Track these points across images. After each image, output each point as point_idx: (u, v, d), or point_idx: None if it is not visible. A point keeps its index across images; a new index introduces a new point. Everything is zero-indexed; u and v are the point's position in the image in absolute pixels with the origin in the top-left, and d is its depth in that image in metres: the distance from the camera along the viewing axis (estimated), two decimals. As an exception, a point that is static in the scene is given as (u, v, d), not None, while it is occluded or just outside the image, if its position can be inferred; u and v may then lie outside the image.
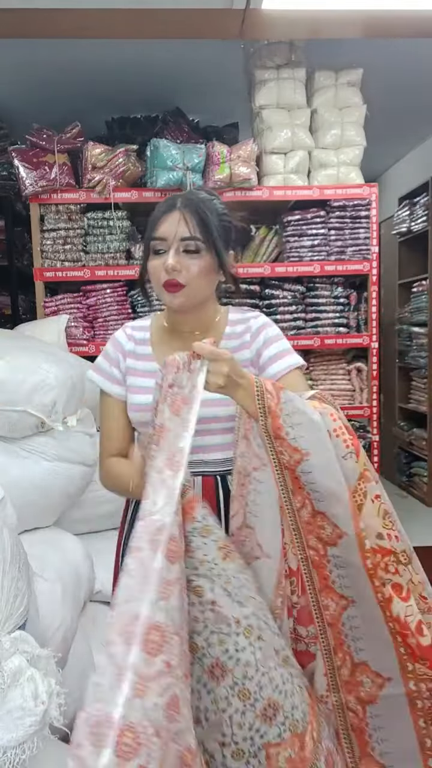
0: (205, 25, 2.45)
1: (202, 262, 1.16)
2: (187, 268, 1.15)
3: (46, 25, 2.41)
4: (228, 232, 1.23)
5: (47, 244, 2.94)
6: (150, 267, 1.19)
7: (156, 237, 1.17)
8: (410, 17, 2.44)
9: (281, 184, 2.99)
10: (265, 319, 1.31)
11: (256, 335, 1.26)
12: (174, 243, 1.15)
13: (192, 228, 1.14)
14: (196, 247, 1.15)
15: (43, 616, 1.55)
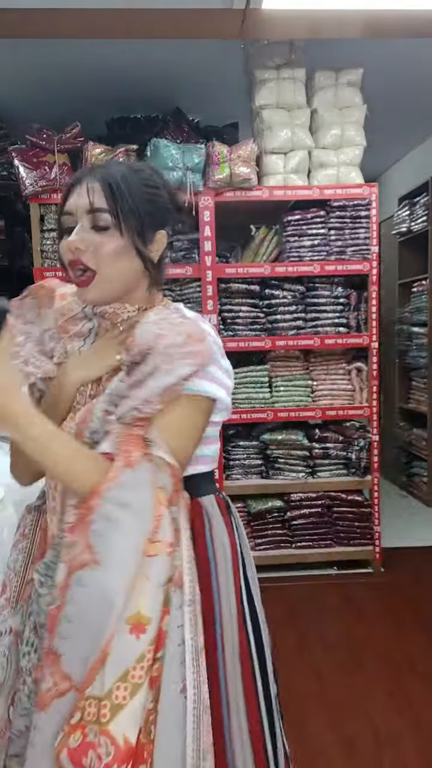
0: (205, 25, 2.45)
1: (114, 240, 0.91)
2: (95, 247, 0.91)
3: (46, 25, 2.41)
4: (156, 206, 0.96)
5: (47, 244, 2.94)
6: (59, 249, 0.95)
7: (64, 212, 0.95)
8: (410, 17, 2.44)
9: (281, 184, 2.99)
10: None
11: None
12: (80, 218, 0.92)
13: (97, 198, 0.91)
14: (105, 223, 0.91)
15: (43, 616, 1.54)
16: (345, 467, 3.17)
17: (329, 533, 3.14)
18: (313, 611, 2.71)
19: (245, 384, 3.09)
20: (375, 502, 3.14)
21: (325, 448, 3.15)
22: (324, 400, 3.13)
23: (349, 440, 3.14)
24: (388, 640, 2.45)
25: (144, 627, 0.77)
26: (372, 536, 3.14)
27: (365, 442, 3.11)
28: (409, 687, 2.13)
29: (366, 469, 3.14)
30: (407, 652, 2.37)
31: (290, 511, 3.11)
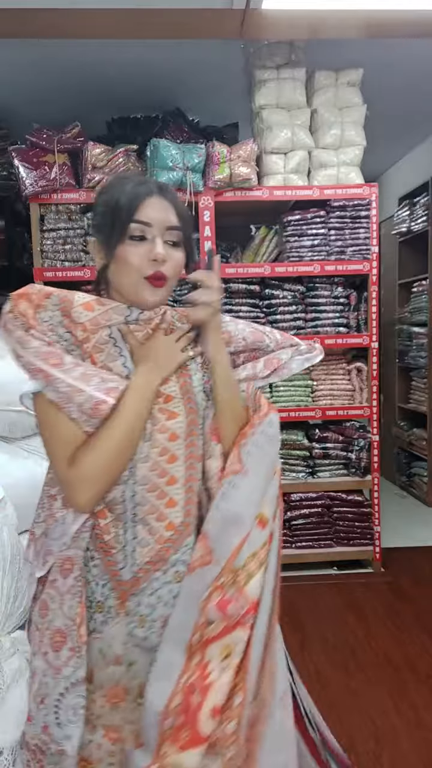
0: (205, 25, 2.45)
1: (180, 256, 1.03)
2: (171, 260, 1.00)
3: (46, 25, 2.41)
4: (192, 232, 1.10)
5: (47, 244, 2.94)
6: (127, 254, 0.99)
7: (138, 220, 0.98)
8: (410, 17, 2.44)
9: (281, 184, 2.99)
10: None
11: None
12: (160, 231, 1.00)
13: (173, 217, 1.01)
14: (178, 239, 1.02)
15: (43, 616, 1.54)
16: (345, 467, 3.17)
17: (329, 533, 3.14)
18: (312, 611, 2.71)
19: (245, 384, 3.09)
20: (375, 502, 3.14)
21: (325, 448, 3.15)
22: (324, 400, 3.13)
23: (349, 440, 3.14)
24: (387, 639, 2.45)
25: (265, 523, 1.05)
26: (372, 536, 3.14)
27: (365, 442, 3.11)
28: (409, 687, 2.13)
29: (366, 469, 3.14)
30: (407, 652, 2.37)
31: (290, 511, 3.11)
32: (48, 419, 0.99)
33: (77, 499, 0.95)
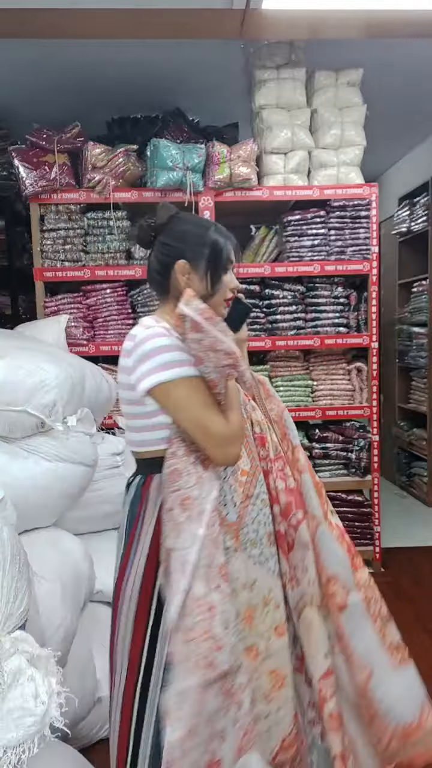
0: (205, 25, 2.45)
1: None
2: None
3: (46, 25, 2.41)
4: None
5: (47, 244, 2.94)
6: (226, 281, 1.32)
7: (231, 260, 1.34)
8: (410, 17, 2.44)
9: (281, 184, 2.99)
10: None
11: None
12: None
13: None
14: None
15: (43, 616, 1.55)
16: (345, 467, 3.18)
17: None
18: (313, 611, 2.71)
19: (245, 384, 3.09)
20: (375, 502, 3.15)
21: (325, 448, 3.15)
22: (324, 400, 3.13)
23: (349, 440, 3.14)
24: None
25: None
26: (372, 536, 3.14)
27: (365, 442, 3.11)
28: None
29: (366, 469, 3.14)
30: (407, 652, 2.37)
31: (290, 511, 3.11)
32: (199, 396, 1.16)
33: (235, 452, 1.18)
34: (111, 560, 1.47)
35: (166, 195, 2.90)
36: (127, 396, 1.22)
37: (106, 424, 2.87)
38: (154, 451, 1.22)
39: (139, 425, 1.23)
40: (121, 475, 2.31)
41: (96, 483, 2.21)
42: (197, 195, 2.90)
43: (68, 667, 1.67)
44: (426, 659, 2.33)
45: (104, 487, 2.25)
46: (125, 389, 1.22)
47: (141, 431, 1.23)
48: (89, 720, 1.82)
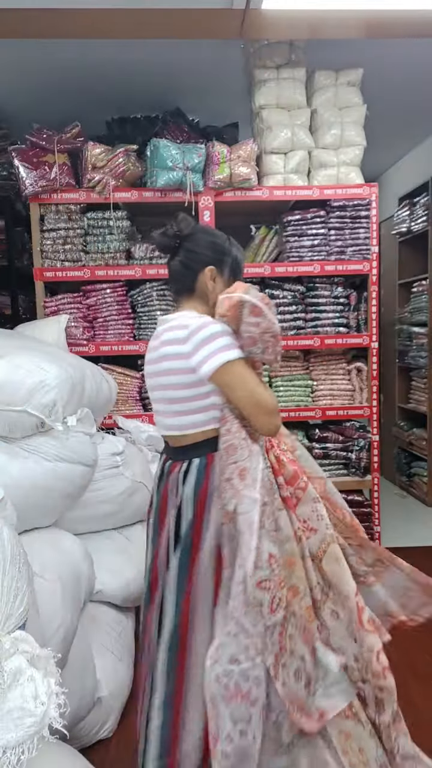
0: (205, 25, 2.45)
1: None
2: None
3: (46, 25, 2.41)
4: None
5: (47, 244, 2.94)
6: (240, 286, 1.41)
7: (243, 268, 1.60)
8: (410, 17, 2.44)
9: (281, 184, 2.99)
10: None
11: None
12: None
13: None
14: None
15: (43, 616, 1.55)
16: (345, 467, 3.18)
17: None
18: (313, 611, 2.71)
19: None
20: (375, 502, 3.15)
21: (325, 448, 3.15)
22: (324, 400, 3.13)
23: (349, 440, 3.14)
24: (388, 640, 2.45)
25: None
26: (372, 536, 3.14)
27: (365, 442, 3.11)
28: (409, 687, 2.13)
29: (366, 469, 3.14)
30: (407, 653, 2.37)
31: (290, 511, 3.11)
32: (250, 374, 1.32)
33: (279, 422, 1.34)
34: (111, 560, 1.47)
35: (166, 195, 2.90)
36: (182, 380, 1.34)
37: (106, 424, 2.87)
38: (204, 431, 1.37)
39: (193, 407, 1.36)
40: (121, 475, 2.31)
41: (96, 483, 2.21)
42: (197, 195, 2.90)
43: (68, 667, 1.66)
44: (426, 659, 2.33)
45: (104, 487, 2.25)
46: (178, 374, 1.34)
47: (193, 413, 1.37)
48: (89, 720, 1.82)
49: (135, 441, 2.79)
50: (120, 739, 1.91)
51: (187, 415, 1.37)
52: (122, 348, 3.01)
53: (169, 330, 1.37)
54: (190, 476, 1.37)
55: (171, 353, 1.35)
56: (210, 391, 1.35)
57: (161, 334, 1.40)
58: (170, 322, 1.39)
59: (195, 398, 1.35)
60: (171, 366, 1.35)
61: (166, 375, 1.37)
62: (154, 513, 1.46)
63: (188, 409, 1.37)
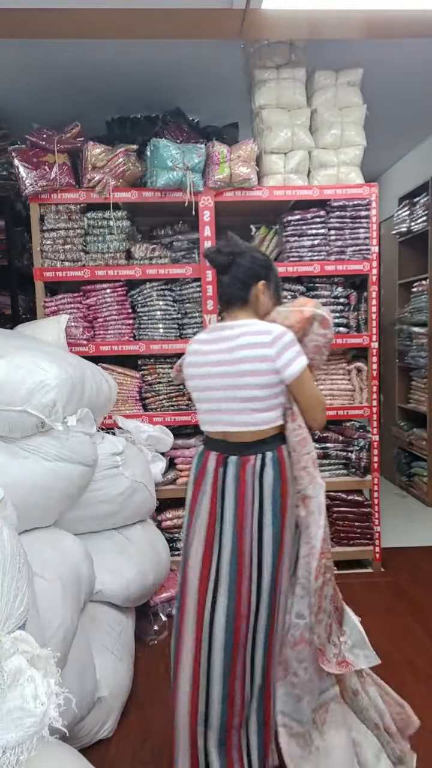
0: (205, 25, 2.45)
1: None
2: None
3: (46, 25, 2.41)
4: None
5: (47, 244, 2.94)
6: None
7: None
8: (410, 17, 2.44)
9: (281, 184, 2.99)
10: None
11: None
12: None
13: None
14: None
15: (43, 616, 1.55)
16: (345, 467, 3.18)
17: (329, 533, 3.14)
18: (313, 611, 2.71)
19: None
20: (375, 502, 3.15)
21: (325, 448, 3.15)
22: (324, 400, 3.13)
23: (349, 440, 3.14)
24: (387, 639, 2.45)
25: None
26: (372, 536, 3.14)
27: (365, 442, 3.11)
28: (409, 687, 2.13)
29: (366, 469, 3.14)
30: (407, 652, 2.37)
31: (290, 511, 3.11)
32: (312, 378, 1.57)
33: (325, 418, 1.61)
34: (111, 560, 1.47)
35: (166, 195, 2.90)
36: (262, 381, 1.49)
37: (106, 424, 2.87)
38: (274, 427, 1.56)
39: (268, 405, 1.53)
40: (121, 475, 2.31)
41: (96, 483, 2.21)
42: (197, 195, 2.90)
43: (68, 667, 1.67)
44: (426, 658, 2.33)
45: (104, 487, 2.25)
46: (261, 375, 1.49)
47: (268, 411, 1.53)
48: (89, 720, 1.82)
49: (135, 441, 2.80)
50: (120, 739, 1.91)
51: (262, 412, 1.53)
52: (122, 348, 3.01)
53: (246, 335, 1.52)
54: (267, 468, 1.52)
55: (254, 356, 1.49)
56: (280, 392, 1.54)
57: (233, 338, 1.54)
58: (241, 328, 1.54)
59: (270, 398, 1.52)
60: (253, 368, 1.49)
61: (244, 376, 1.50)
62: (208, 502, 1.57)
63: (264, 407, 1.52)
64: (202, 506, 1.57)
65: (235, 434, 1.56)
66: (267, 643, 1.52)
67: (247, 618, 1.50)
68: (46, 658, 1.17)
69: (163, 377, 3.08)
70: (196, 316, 3.04)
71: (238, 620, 1.49)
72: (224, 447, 1.58)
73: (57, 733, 1.13)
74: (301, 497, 1.56)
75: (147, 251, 3.01)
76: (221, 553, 1.52)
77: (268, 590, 1.50)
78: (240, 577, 1.50)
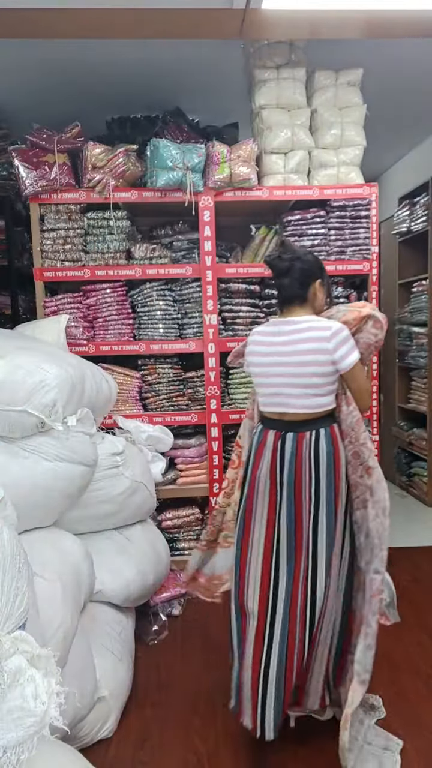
0: (205, 25, 2.45)
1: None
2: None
3: (46, 25, 2.41)
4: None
5: (47, 244, 2.94)
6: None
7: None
8: (410, 17, 2.44)
9: (281, 184, 2.99)
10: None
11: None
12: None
13: None
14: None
15: (43, 616, 1.55)
16: (345, 467, 3.17)
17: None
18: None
19: (245, 384, 3.09)
20: (375, 502, 3.14)
21: (325, 448, 3.14)
22: (324, 400, 3.13)
23: (349, 440, 3.14)
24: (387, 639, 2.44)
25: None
26: (372, 536, 3.14)
27: (365, 442, 3.12)
28: (409, 687, 2.13)
29: (366, 469, 3.14)
30: (407, 652, 2.37)
31: (290, 511, 3.12)
32: (362, 369, 1.79)
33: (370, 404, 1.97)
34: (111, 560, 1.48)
35: (166, 195, 2.90)
36: (321, 370, 1.73)
37: (106, 424, 2.87)
38: (327, 410, 1.79)
39: (325, 391, 1.76)
40: (121, 475, 2.31)
41: (96, 483, 2.21)
42: (197, 195, 2.90)
43: (68, 667, 1.66)
44: (426, 659, 2.33)
45: (104, 487, 2.25)
46: (321, 365, 1.72)
47: (324, 396, 1.77)
48: (89, 720, 1.82)
49: (135, 441, 2.80)
50: (120, 739, 1.91)
51: (319, 397, 1.76)
52: (122, 348, 3.01)
53: (308, 330, 1.75)
54: (321, 441, 1.76)
55: (314, 349, 1.72)
56: (334, 380, 1.77)
57: (295, 332, 1.77)
58: (302, 323, 1.77)
59: (326, 384, 1.76)
60: (315, 359, 1.72)
61: (305, 366, 1.73)
62: (267, 469, 1.80)
63: (322, 392, 1.76)
64: (262, 473, 1.80)
65: (292, 415, 1.79)
66: (325, 588, 1.74)
67: (306, 560, 1.75)
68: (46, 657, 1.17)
69: (163, 377, 3.08)
70: (196, 316, 3.04)
71: (298, 563, 1.75)
72: (281, 425, 1.80)
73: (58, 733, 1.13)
74: (365, 468, 1.78)
75: (147, 251, 3.01)
76: (280, 513, 1.77)
77: (326, 544, 1.74)
78: (299, 531, 1.76)
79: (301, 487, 1.75)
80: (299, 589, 1.74)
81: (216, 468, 3.06)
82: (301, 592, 1.74)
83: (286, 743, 1.86)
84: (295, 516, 1.75)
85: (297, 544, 1.76)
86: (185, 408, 3.09)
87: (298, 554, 1.75)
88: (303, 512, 1.75)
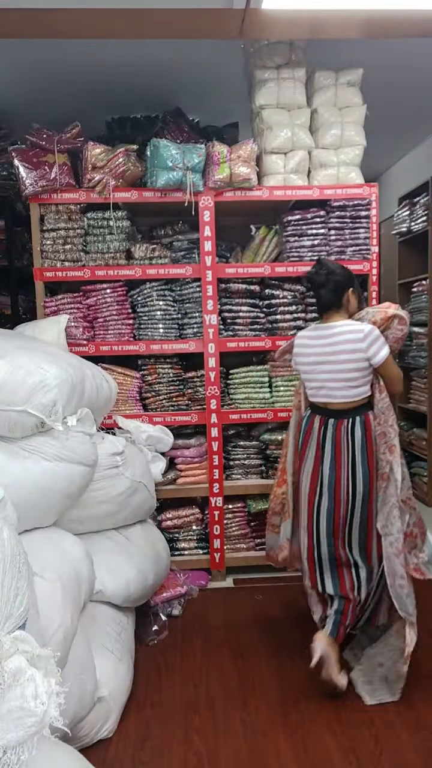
0: (205, 25, 2.45)
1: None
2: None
3: (46, 25, 2.41)
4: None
5: (47, 244, 2.94)
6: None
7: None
8: (410, 17, 2.44)
9: (281, 184, 2.99)
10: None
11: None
12: None
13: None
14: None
15: (43, 616, 1.55)
16: (345, 467, 3.17)
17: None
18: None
19: (245, 384, 3.09)
20: (375, 502, 3.14)
21: (325, 448, 3.15)
22: (324, 400, 3.13)
23: (349, 440, 3.14)
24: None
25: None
26: (372, 536, 3.14)
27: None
28: (409, 687, 2.13)
29: (366, 469, 3.15)
30: (407, 652, 2.36)
31: (290, 511, 3.12)
32: (392, 360, 2.17)
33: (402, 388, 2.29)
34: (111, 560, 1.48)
35: (166, 195, 2.90)
36: (357, 366, 2.12)
37: (106, 424, 2.87)
38: (363, 399, 2.19)
39: (361, 383, 2.15)
40: (121, 475, 2.31)
41: (96, 483, 2.21)
42: (197, 195, 2.90)
43: (68, 667, 1.66)
44: (426, 659, 2.33)
45: (104, 487, 2.25)
46: (357, 362, 2.12)
47: (360, 387, 2.16)
48: (89, 720, 1.82)
49: (135, 441, 2.80)
50: (120, 739, 1.91)
51: (356, 388, 2.16)
52: (122, 348, 3.01)
53: (345, 333, 2.14)
54: (357, 427, 2.17)
55: (351, 349, 2.11)
56: (369, 373, 2.16)
57: (334, 335, 2.16)
58: (340, 328, 2.17)
59: (362, 378, 2.15)
60: (350, 357, 2.12)
61: (344, 363, 2.13)
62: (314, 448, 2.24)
63: (358, 384, 2.15)
64: (311, 450, 2.25)
65: (333, 404, 2.20)
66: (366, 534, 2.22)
67: (345, 517, 2.20)
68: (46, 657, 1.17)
69: (163, 377, 3.08)
70: (196, 316, 3.04)
71: (337, 515, 2.20)
72: (325, 412, 2.23)
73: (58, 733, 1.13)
74: (388, 446, 2.15)
75: (147, 251, 3.01)
76: (322, 480, 2.21)
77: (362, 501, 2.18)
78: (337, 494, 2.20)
79: (341, 456, 2.18)
80: (341, 493, 2.19)
81: (216, 468, 3.06)
82: (343, 493, 2.19)
83: (285, 743, 1.85)
84: (336, 468, 2.19)
85: (336, 481, 2.19)
86: (185, 408, 3.09)
87: (338, 486, 2.19)
88: (342, 467, 2.18)
